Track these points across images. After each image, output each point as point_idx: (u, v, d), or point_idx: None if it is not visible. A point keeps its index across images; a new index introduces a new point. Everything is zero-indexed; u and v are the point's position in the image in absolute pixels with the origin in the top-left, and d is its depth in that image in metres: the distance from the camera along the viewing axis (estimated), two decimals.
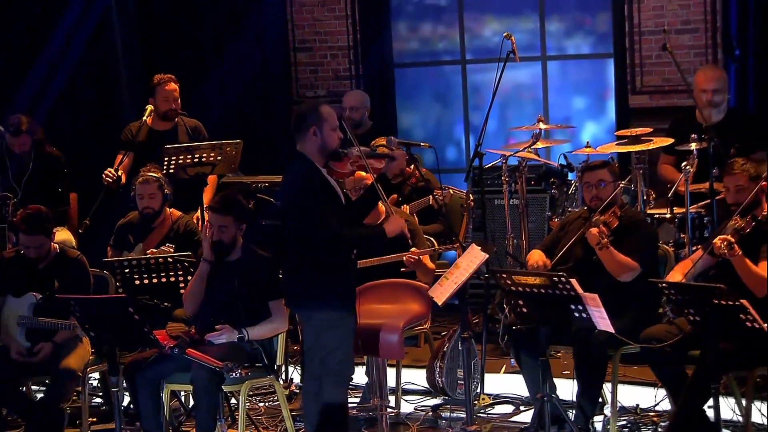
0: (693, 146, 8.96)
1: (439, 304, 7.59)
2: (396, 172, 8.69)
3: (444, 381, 8.39)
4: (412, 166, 9.77)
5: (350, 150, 7.22)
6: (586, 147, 9.59)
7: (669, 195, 9.19)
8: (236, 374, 7.33)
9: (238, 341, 7.66)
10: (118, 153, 10.18)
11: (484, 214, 10.05)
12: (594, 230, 7.70)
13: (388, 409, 8.08)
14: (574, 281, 7.01)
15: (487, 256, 7.46)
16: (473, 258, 7.44)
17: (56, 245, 8.26)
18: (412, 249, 8.41)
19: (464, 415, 8.32)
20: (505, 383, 8.92)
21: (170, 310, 8.37)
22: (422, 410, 8.69)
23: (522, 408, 8.46)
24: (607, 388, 7.87)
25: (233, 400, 8.61)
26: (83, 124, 11.32)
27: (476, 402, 8.51)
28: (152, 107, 10.13)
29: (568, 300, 7.07)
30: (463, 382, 8.42)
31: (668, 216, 9.25)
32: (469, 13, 12.31)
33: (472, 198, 9.73)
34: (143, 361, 7.67)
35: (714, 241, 7.19)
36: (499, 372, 8.95)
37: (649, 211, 9.43)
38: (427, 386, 8.64)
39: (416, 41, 12.62)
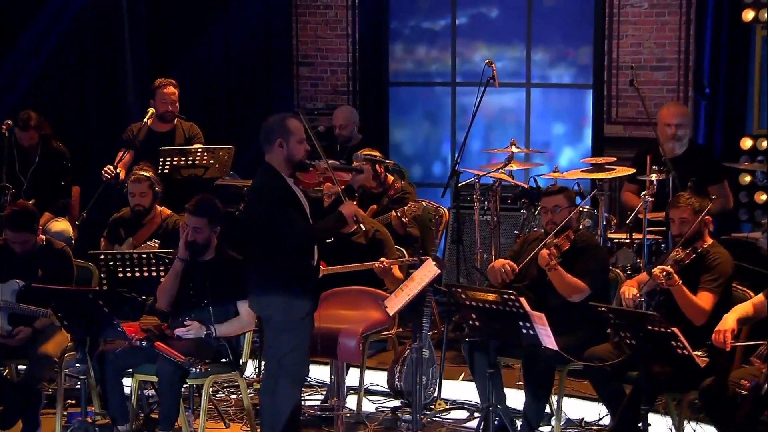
0: (653, 177, 8.81)
1: (390, 313, 7.45)
2: (363, 184, 8.50)
3: (402, 385, 8.25)
4: (391, 179, 9.63)
5: (318, 162, 7.09)
6: (555, 171, 9.45)
7: (627, 221, 9.03)
8: (197, 369, 7.20)
9: (206, 337, 7.54)
10: (119, 150, 10.05)
11: (460, 228, 9.97)
12: (544, 252, 7.58)
13: (345, 410, 7.89)
14: (522, 300, 6.89)
15: (439, 272, 7.32)
16: (427, 272, 7.31)
17: (43, 237, 8.15)
18: (382, 258, 8.25)
19: (423, 416, 8.23)
20: (463, 390, 8.73)
21: (147, 304, 8.15)
22: (383, 411, 8.51)
23: (476, 414, 8.26)
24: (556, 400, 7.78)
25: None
26: (90, 122, 11.20)
27: (433, 406, 8.40)
28: (153, 110, 10.04)
29: (517, 317, 6.93)
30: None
31: (627, 241, 9.07)
32: (461, 39, 12.19)
33: (447, 213, 9.65)
34: (112, 351, 7.53)
35: (654, 270, 7.04)
36: (457, 379, 8.74)
37: (609, 235, 9.29)
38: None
39: (411, 62, 12.51)
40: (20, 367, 8.39)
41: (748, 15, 10.12)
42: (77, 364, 7.27)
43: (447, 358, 8.70)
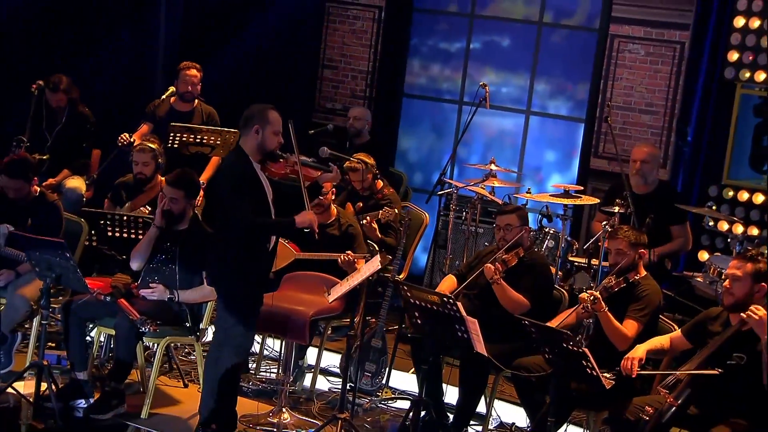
0: (615, 209, 8.51)
1: (329, 300, 7.17)
2: (331, 182, 8.19)
3: (350, 369, 7.94)
4: (381, 184, 9.33)
5: (289, 155, 6.82)
6: (527, 192, 9.14)
7: (585, 246, 8.74)
8: (146, 329, 6.96)
9: (168, 301, 7.30)
10: (141, 122, 9.91)
11: (438, 234, 9.71)
12: (489, 266, 7.32)
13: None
14: (459, 305, 6.66)
15: (380, 266, 7.03)
16: (371, 266, 7.02)
17: (38, 188, 7.93)
18: (348, 251, 7.96)
19: (365, 401, 7.97)
20: (413, 382, 8.36)
21: (126, 263, 7.90)
22: (335, 391, 8.23)
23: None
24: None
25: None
26: (118, 95, 10.97)
27: (379, 393, 8.12)
28: (174, 89, 9.87)
29: (453, 320, 6.66)
30: (369, 374, 8.03)
31: (585, 265, 8.74)
32: (472, 62, 11.90)
33: (427, 218, 9.41)
34: (77, 302, 7.31)
35: (581, 295, 6.74)
36: (408, 371, 8.42)
37: (570, 258, 8.96)
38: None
39: (425, 78, 12.21)
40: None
41: (729, 73, 9.80)
42: (41, 310, 6.98)
43: (405, 351, 8.35)
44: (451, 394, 7.57)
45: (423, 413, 7.18)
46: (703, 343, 6.37)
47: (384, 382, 8.16)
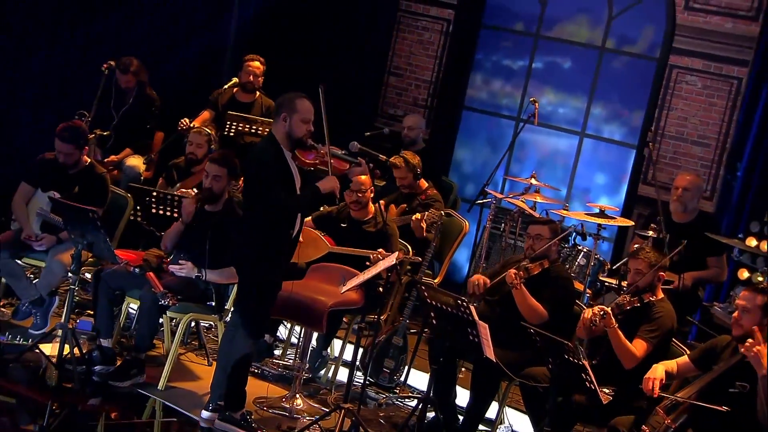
0: (650, 233, 8.23)
1: (341, 291, 7.01)
2: (360, 177, 8.00)
3: (369, 363, 7.81)
4: (425, 185, 9.17)
5: (320, 146, 6.68)
6: (563, 209, 8.89)
7: (614, 267, 8.48)
8: (166, 301, 6.87)
9: (196, 279, 7.20)
10: (204, 108, 9.93)
11: (478, 243, 9.51)
12: (512, 271, 7.12)
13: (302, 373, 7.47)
14: (472, 308, 6.46)
15: (394, 261, 6.84)
16: (387, 261, 6.85)
17: (88, 159, 7.90)
18: (380, 249, 7.79)
19: (383, 397, 7.81)
20: None
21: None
22: (355, 384, 8.04)
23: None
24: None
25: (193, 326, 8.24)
26: (186, 82, 10.95)
27: (396, 391, 7.94)
28: (237, 79, 9.83)
29: (466, 323, 6.46)
30: (387, 371, 7.86)
31: (615, 286, 8.48)
32: (533, 81, 11.70)
33: (467, 226, 9.21)
34: (107, 270, 7.27)
35: (592, 309, 6.49)
36: (428, 372, 8.23)
37: (600, 278, 8.70)
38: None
39: (485, 92, 12.03)
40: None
41: None
42: (70, 274, 6.93)
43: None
44: (464, 397, 7.37)
45: (433, 414, 7.01)
46: (710, 371, 6.11)
47: (402, 380, 7.98)
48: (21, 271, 7.78)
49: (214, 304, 7.33)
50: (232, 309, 7.35)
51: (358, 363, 7.87)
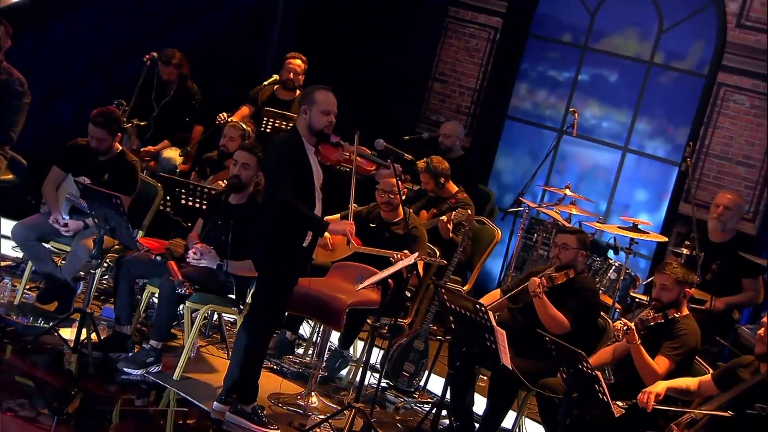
0: (684, 250, 8.09)
1: (356, 289, 6.93)
2: (387, 179, 7.91)
3: (388, 366, 7.75)
4: (455, 189, 9.09)
5: (347, 144, 6.60)
6: (598, 221, 8.75)
7: (644, 282, 8.33)
8: (182, 290, 6.83)
9: (217, 269, 7.16)
10: (242, 104, 9.91)
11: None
12: (535, 279, 7.01)
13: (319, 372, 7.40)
14: (491, 314, 6.34)
15: (412, 261, 6.75)
16: (406, 261, 6.78)
17: (119, 146, 7.90)
18: (404, 251, 7.70)
19: (400, 401, 7.73)
20: None
21: (188, 230, 7.83)
22: (373, 386, 7.99)
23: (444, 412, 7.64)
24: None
25: (215, 319, 8.22)
26: (228, 76, 10.96)
27: (416, 394, 7.85)
28: (278, 77, 9.82)
29: (484, 329, 6.36)
30: (407, 375, 7.78)
31: (646, 302, 8.31)
32: (578, 93, 11.60)
33: (500, 233, 9.11)
34: (129, 257, 7.27)
35: (615, 323, 6.35)
36: None
37: (632, 293, 8.56)
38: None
39: (529, 102, 11.93)
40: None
41: None
42: (92, 260, 6.93)
43: None
44: (482, 405, 7.26)
45: (450, 420, 6.92)
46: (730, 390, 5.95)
47: (422, 384, 7.90)
48: (47, 255, 7.80)
49: (234, 297, 7.25)
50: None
51: (371, 363, 7.87)
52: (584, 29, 11.57)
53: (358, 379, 7.80)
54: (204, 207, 7.99)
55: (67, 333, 7.25)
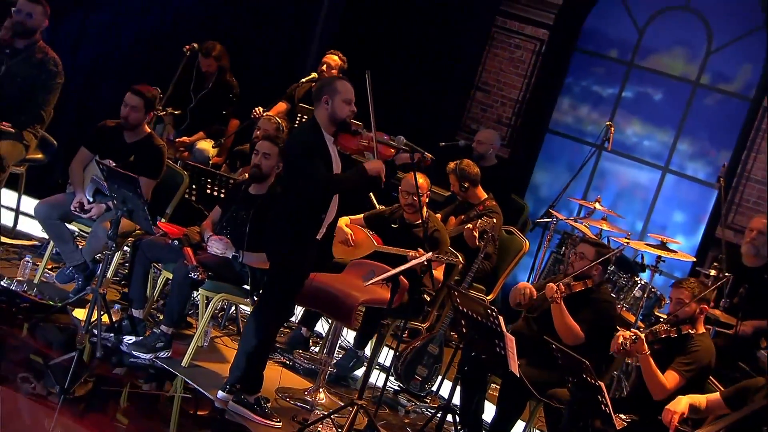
0: (712, 272, 7.96)
1: (364, 284, 6.88)
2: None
3: (402, 369, 7.71)
4: (483, 196, 9.01)
5: (365, 131, 6.57)
6: (626, 238, 8.64)
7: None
8: (195, 275, 6.83)
9: (232, 259, 7.16)
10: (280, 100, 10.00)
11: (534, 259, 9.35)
12: (552, 285, 6.93)
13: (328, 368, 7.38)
14: (501, 318, 6.26)
15: (423, 260, 6.70)
16: (419, 258, 6.73)
17: (148, 129, 7.93)
18: (419, 249, 7.66)
19: (410, 404, 7.68)
20: None
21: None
22: (388, 389, 7.96)
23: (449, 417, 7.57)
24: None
25: (233, 311, 8.22)
26: (268, 72, 11.00)
27: (428, 399, 7.80)
28: (316, 75, 9.86)
29: (494, 334, 6.31)
30: (419, 378, 7.73)
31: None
32: (621, 110, 11.50)
33: (527, 245, 9.02)
34: (146, 240, 7.30)
35: (624, 332, 6.26)
36: None
37: (656, 312, 8.44)
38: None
39: (571, 117, 11.85)
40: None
41: None
42: (108, 241, 6.95)
43: None
44: (491, 412, 7.21)
45: (455, 426, 6.87)
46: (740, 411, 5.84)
47: (434, 389, 7.84)
48: (69, 235, 7.84)
49: (249, 287, 7.25)
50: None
51: (383, 364, 7.85)
52: (632, 45, 11.47)
53: (372, 380, 7.82)
54: (222, 195, 8.03)
55: (81, 314, 7.28)
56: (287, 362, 7.84)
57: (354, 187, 6.54)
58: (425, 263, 6.75)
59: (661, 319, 7.95)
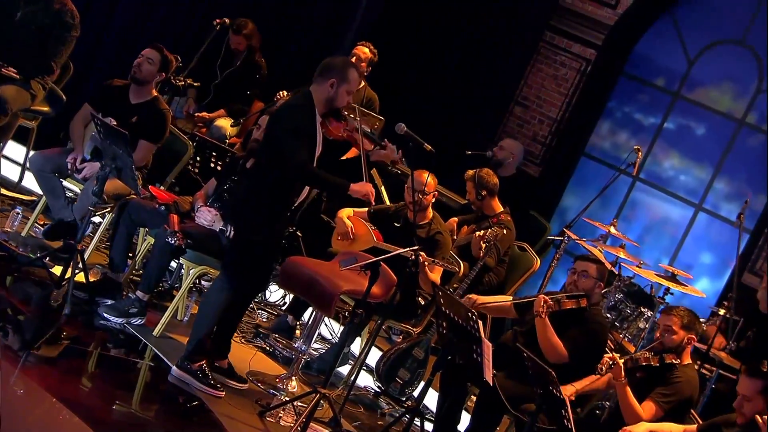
0: (720, 311, 7.83)
1: (340, 269, 6.78)
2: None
3: (383, 369, 7.62)
4: (500, 209, 8.90)
5: (350, 119, 6.55)
6: (638, 266, 8.47)
7: None
8: (173, 241, 6.80)
9: (219, 232, 7.11)
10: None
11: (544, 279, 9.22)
12: (541, 298, 6.78)
13: (303, 356, 7.31)
14: (480, 323, 6.16)
15: (409, 254, 6.59)
16: (398, 251, 6.64)
17: (155, 92, 7.91)
18: (422, 253, 7.55)
19: (387, 407, 7.59)
20: None
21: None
22: (370, 390, 7.87)
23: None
24: None
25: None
26: (301, 56, 10.98)
27: (408, 403, 7.68)
28: None
29: (472, 339, 6.19)
30: (400, 381, 7.63)
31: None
32: (661, 141, 11.34)
33: (538, 263, 8.89)
34: (133, 202, 7.28)
35: (605, 356, 6.13)
36: None
37: None
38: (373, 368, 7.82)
39: (609, 143, 11.70)
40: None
41: None
42: (94, 197, 6.94)
43: None
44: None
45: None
46: None
47: (414, 394, 7.72)
48: (61, 190, 7.84)
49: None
50: None
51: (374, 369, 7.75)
52: (680, 75, 11.30)
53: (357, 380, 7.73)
54: (219, 168, 8.00)
55: (59, 270, 7.26)
56: (267, 348, 7.77)
57: (330, 191, 6.52)
58: (412, 256, 6.63)
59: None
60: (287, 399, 6.72)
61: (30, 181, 8.78)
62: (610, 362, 6.06)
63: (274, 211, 6.39)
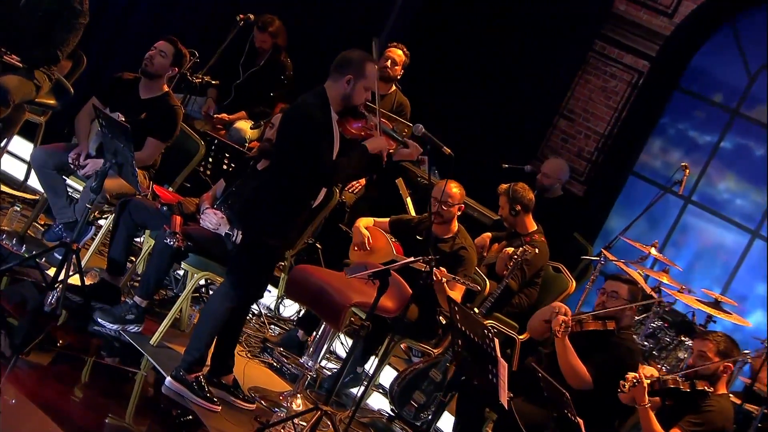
0: (764, 342, 7.75)
1: (346, 276, 6.73)
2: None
3: (396, 391, 7.55)
4: (533, 228, 8.82)
5: (370, 116, 6.49)
6: (680, 290, 8.34)
7: None
8: (172, 241, 6.77)
9: (225, 237, 7.08)
10: None
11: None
12: (560, 318, 6.67)
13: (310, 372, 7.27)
14: (496, 342, 6.08)
15: (422, 265, 6.52)
16: (410, 261, 6.56)
17: (167, 87, 7.92)
18: (442, 268, 7.50)
19: (400, 429, 7.53)
20: None
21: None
22: (383, 413, 7.82)
23: None
24: None
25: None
26: (330, 59, 10.94)
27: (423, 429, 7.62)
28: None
29: (488, 359, 6.12)
30: (414, 405, 7.55)
31: None
32: (716, 162, 11.21)
33: (573, 286, 8.79)
34: (135, 201, 7.29)
35: (627, 374, 6.03)
36: None
37: None
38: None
39: (660, 161, 11.59)
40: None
41: None
42: (92, 193, 6.94)
43: None
44: None
45: None
46: None
47: (429, 418, 7.63)
48: (63, 189, 7.86)
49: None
50: None
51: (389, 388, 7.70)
52: (739, 92, 11.17)
53: (369, 401, 7.69)
54: (230, 170, 7.99)
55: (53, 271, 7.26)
56: (274, 364, 7.74)
57: (356, 171, 6.49)
58: (426, 267, 6.56)
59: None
60: (286, 416, 6.66)
61: (37, 181, 8.81)
62: (634, 381, 5.96)
63: (289, 215, 6.38)
